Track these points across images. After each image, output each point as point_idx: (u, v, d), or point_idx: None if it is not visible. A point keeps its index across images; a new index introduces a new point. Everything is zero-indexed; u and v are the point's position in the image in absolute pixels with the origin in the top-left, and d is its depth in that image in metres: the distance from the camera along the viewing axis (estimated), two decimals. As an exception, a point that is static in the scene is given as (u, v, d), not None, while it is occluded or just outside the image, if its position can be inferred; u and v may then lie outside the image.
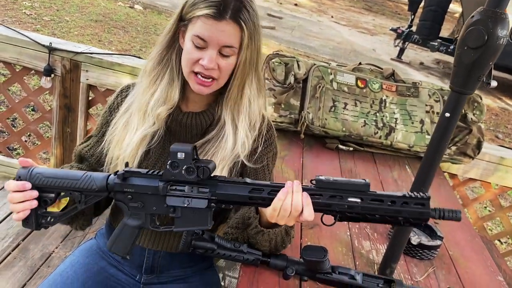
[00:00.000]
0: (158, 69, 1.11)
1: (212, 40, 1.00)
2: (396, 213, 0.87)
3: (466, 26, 0.95)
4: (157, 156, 1.16)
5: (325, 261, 1.02)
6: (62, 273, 1.24)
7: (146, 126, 1.12)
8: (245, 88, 1.09)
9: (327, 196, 0.89)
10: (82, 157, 1.24)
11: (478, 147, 1.92)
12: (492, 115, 6.26)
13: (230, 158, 1.11)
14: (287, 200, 0.89)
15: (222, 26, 1.00)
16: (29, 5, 5.96)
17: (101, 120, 1.24)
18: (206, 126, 1.14)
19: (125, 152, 1.13)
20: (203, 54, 1.02)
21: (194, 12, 1.01)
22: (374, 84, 1.91)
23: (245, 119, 1.12)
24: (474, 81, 0.97)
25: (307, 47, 7.52)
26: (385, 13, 13.40)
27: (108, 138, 1.17)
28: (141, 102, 1.13)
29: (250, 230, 1.06)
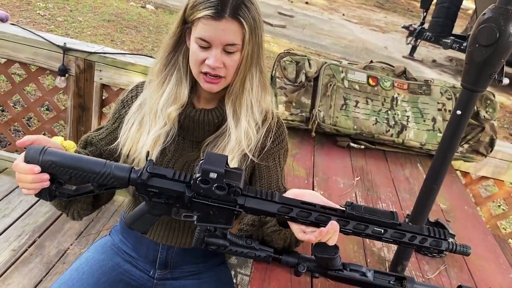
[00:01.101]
0: (166, 71, 1.13)
1: (215, 40, 1.02)
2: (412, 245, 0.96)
3: (477, 23, 0.95)
4: (172, 153, 1.18)
5: (336, 258, 1.02)
6: (78, 268, 1.27)
7: (158, 127, 1.14)
8: (246, 81, 1.10)
9: (353, 224, 0.94)
10: (90, 143, 1.22)
11: (490, 145, 1.91)
12: (507, 112, 6.19)
13: (239, 151, 1.12)
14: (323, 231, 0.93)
15: (223, 25, 1.01)
16: (43, 6, 6.04)
17: (114, 112, 1.25)
18: (219, 122, 1.16)
19: (140, 154, 1.14)
20: (208, 54, 1.04)
21: (195, 14, 1.02)
22: (386, 82, 1.91)
23: (248, 112, 1.13)
24: (486, 79, 0.97)
25: (318, 45, 7.51)
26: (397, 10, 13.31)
27: (123, 135, 1.18)
28: (151, 104, 1.14)
29: (266, 229, 1.06)
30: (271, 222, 1.06)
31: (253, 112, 1.14)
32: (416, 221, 1.14)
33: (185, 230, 1.24)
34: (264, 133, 1.17)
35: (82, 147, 1.24)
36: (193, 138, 1.19)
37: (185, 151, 1.19)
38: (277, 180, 1.21)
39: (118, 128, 1.21)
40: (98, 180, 0.94)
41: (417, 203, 1.13)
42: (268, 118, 1.18)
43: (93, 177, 0.93)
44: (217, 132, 1.16)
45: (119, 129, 1.20)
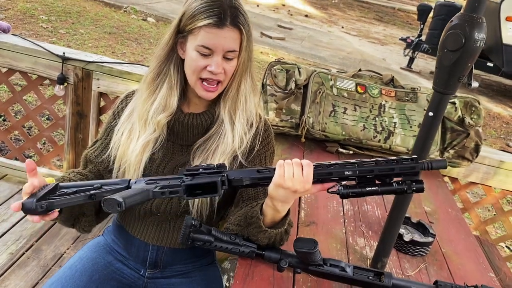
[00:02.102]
0: (158, 80, 1.18)
1: (217, 47, 1.09)
2: (390, 170, 0.96)
3: (445, 30, 1.01)
4: (161, 158, 1.23)
5: (315, 252, 1.07)
6: (71, 266, 1.32)
7: (147, 133, 1.19)
8: (241, 86, 1.17)
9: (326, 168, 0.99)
10: (88, 160, 1.29)
11: (476, 150, 1.96)
12: (503, 123, 6.23)
13: (230, 152, 1.18)
14: (287, 160, 0.99)
15: (225, 33, 1.08)
16: (46, 18, 6.16)
17: (106, 125, 1.32)
18: (207, 126, 1.22)
19: (130, 159, 1.20)
20: (209, 61, 1.10)
21: (195, 23, 1.08)
22: (374, 89, 1.97)
23: (242, 115, 1.20)
24: (455, 82, 1.02)
25: (317, 57, 7.60)
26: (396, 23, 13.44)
27: (114, 145, 1.24)
28: (142, 111, 1.20)
29: (252, 229, 1.11)
30: (256, 223, 1.10)
31: (246, 114, 1.20)
32: (394, 220, 1.19)
33: (175, 231, 1.29)
34: (252, 136, 1.22)
35: (83, 166, 1.30)
36: (183, 142, 1.24)
37: (175, 155, 1.24)
38: None
39: (111, 140, 1.27)
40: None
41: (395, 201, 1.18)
42: (256, 120, 1.24)
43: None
44: (206, 135, 1.21)
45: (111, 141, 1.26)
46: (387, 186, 0.98)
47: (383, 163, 0.97)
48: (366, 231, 1.44)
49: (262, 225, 1.09)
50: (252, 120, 1.23)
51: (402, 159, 0.97)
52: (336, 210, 1.52)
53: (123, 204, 0.90)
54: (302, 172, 0.98)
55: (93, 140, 1.37)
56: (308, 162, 0.99)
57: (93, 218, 1.24)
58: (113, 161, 1.26)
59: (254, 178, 1.02)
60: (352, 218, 1.50)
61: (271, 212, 1.08)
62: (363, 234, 1.42)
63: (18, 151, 2.53)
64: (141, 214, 1.28)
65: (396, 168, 0.96)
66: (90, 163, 1.29)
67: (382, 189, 0.98)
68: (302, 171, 0.98)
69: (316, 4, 13.75)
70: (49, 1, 6.96)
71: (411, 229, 1.43)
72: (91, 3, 7.66)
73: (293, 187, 0.98)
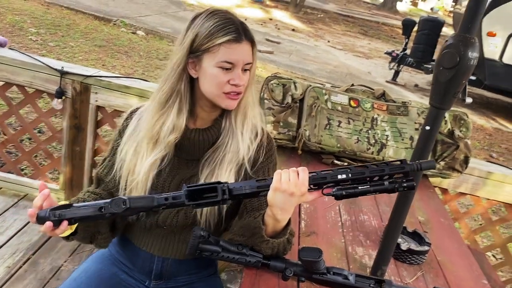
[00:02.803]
0: (170, 102, 1.19)
1: (238, 61, 1.14)
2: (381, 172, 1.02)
3: (441, 49, 1.07)
4: (167, 173, 1.25)
5: (320, 261, 1.11)
6: (76, 278, 1.34)
7: (155, 152, 1.21)
8: (248, 96, 1.23)
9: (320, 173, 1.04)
10: (100, 179, 1.33)
11: (465, 162, 2.04)
12: (487, 135, 6.39)
13: (237, 161, 1.23)
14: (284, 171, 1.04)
15: (243, 47, 1.15)
16: (35, 31, 6.16)
17: (112, 143, 1.34)
18: (214, 140, 1.25)
19: (138, 178, 1.22)
20: (232, 75, 1.15)
21: (213, 41, 1.12)
22: (366, 103, 2.04)
23: (248, 124, 1.25)
24: (450, 98, 1.09)
25: (304, 70, 7.72)
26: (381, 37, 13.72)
27: (118, 164, 1.27)
28: (152, 132, 1.20)
29: (255, 239, 1.14)
30: (259, 233, 1.14)
31: (252, 123, 1.26)
32: (393, 229, 1.24)
33: (180, 243, 1.31)
34: (256, 147, 1.27)
35: (96, 185, 1.34)
36: (189, 156, 1.27)
37: (181, 170, 1.27)
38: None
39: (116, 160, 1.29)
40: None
41: (394, 212, 1.23)
42: (259, 133, 1.28)
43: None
44: (213, 147, 1.25)
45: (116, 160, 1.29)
46: (378, 185, 1.04)
47: (374, 166, 1.03)
48: (364, 240, 1.49)
49: (264, 235, 1.13)
50: (257, 130, 1.28)
51: (392, 162, 1.04)
52: (334, 220, 1.57)
53: (128, 202, 0.97)
54: (297, 176, 1.03)
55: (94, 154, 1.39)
56: (303, 167, 1.05)
57: (108, 234, 1.27)
58: (118, 180, 1.28)
59: (253, 186, 1.06)
60: (350, 228, 1.55)
61: (272, 222, 1.12)
62: (362, 243, 1.47)
63: (14, 164, 2.53)
64: (147, 227, 1.30)
65: (386, 170, 1.02)
66: (101, 181, 1.32)
67: (374, 188, 1.04)
68: (297, 176, 1.03)
69: (303, 18, 13.97)
70: (38, 14, 6.97)
71: (407, 238, 1.48)
72: (81, 16, 7.68)
73: (289, 190, 1.02)
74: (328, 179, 1.04)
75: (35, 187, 2.53)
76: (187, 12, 10.76)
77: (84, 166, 2.41)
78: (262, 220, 1.14)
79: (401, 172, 1.02)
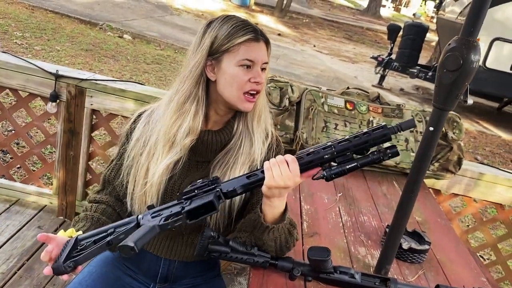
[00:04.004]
0: (187, 104, 1.19)
1: (258, 59, 1.17)
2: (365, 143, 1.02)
3: (444, 52, 1.10)
4: (178, 175, 1.25)
5: (328, 260, 1.13)
6: (81, 281, 1.33)
7: (171, 154, 1.21)
8: (261, 97, 1.24)
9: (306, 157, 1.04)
10: (107, 181, 1.33)
11: (458, 163, 2.08)
12: (471, 138, 6.52)
13: (249, 163, 1.24)
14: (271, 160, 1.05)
15: (261, 46, 1.19)
16: (20, 35, 6.08)
17: (120, 145, 1.34)
18: (226, 142, 1.26)
19: (152, 180, 1.21)
20: (252, 73, 1.17)
21: (233, 41, 1.15)
22: (362, 106, 2.07)
23: (261, 127, 1.26)
24: (453, 99, 1.12)
25: (292, 74, 7.77)
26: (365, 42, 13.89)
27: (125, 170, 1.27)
28: (169, 135, 1.20)
29: (257, 231, 1.15)
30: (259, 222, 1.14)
31: (264, 125, 1.28)
32: (396, 229, 1.27)
33: (187, 245, 1.31)
34: (266, 150, 1.28)
35: (102, 187, 1.34)
36: (200, 158, 1.27)
37: (191, 172, 1.27)
38: None
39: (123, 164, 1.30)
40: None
41: (397, 212, 1.26)
42: (269, 135, 1.30)
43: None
44: (224, 150, 1.26)
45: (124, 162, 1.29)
46: (364, 158, 1.04)
47: (357, 138, 1.03)
48: (366, 240, 1.51)
49: (263, 222, 1.13)
50: (267, 132, 1.30)
51: (372, 129, 1.03)
52: (335, 221, 1.59)
53: (136, 248, 0.97)
54: (288, 168, 1.04)
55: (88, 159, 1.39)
56: (291, 157, 1.05)
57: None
58: (126, 185, 1.28)
59: (246, 184, 1.07)
60: (351, 228, 1.57)
61: (269, 210, 1.13)
62: (363, 243, 1.49)
63: (6, 168, 2.49)
64: None
65: (369, 140, 1.02)
66: (109, 184, 1.32)
67: (361, 162, 1.04)
68: (288, 167, 1.04)
69: (288, 23, 14.07)
70: (23, 17, 6.89)
71: (408, 238, 1.51)
72: (66, 20, 7.62)
73: (285, 184, 1.04)
74: (316, 162, 1.04)
75: (27, 192, 2.50)
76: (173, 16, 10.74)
77: (78, 171, 2.39)
78: (260, 210, 1.15)
79: (383, 138, 1.02)
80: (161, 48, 7.57)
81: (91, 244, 1.06)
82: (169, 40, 7.89)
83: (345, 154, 1.03)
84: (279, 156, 1.06)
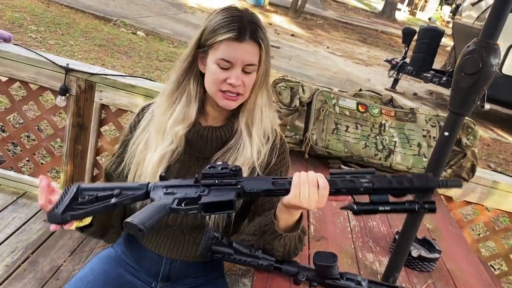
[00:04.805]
0: (177, 93, 1.20)
1: (237, 60, 1.12)
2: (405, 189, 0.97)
3: (462, 54, 1.06)
4: (178, 170, 1.24)
5: (334, 266, 1.10)
6: (82, 278, 1.31)
7: (165, 145, 1.21)
8: (257, 99, 1.20)
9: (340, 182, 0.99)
10: (108, 174, 1.32)
11: (472, 170, 2.03)
12: (484, 145, 6.41)
13: (248, 164, 1.21)
14: (303, 176, 1.00)
15: (244, 47, 1.12)
16: (35, 29, 6.12)
17: (123, 138, 1.33)
18: (226, 139, 1.24)
19: (146, 171, 1.21)
20: (229, 74, 1.13)
21: (215, 38, 1.12)
22: (374, 109, 2.03)
23: (258, 128, 1.22)
24: (470, 104, 1.08)
25: (304, 76, 7.72)
26: (379, 45, 13.77)
27: (128, 158, 1.26)
28: (160, 123, 1.21)
29: (268, 236, 1.13)
30: (271, 229, 1.11)
31: (262, 127, 1.23)
32: (406, 236, 1.23)
33: (190, 244, 1.29)
34: (269, 149, 1.25)
35: (105, 180, 1.34)
36: (200, 155, 1.25)
37: (191, 168, 1.25)
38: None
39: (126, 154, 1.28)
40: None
41: (408, 218, 1.22)
42: (273, 135, 1.27)
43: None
44: (224, 148, 1.23)
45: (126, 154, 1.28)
46: (399, 205, 0.99)
47: (399, 181, 0.98)
48: (374, 246, 1.47)
49: (277, 230, 1.10)
50: (269, 133, 1.26)
51: (416, 177, 0.98)
52: (343, 226, 1.55)
53: (144, 230, 0.92)
54: (317, 193, 0.99)
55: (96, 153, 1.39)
56: (324, 182, 0.99)
57: (120, 229, 1.27)
58: (126, 174, 1.27)
59: (270, 190, 1.02)
60: (359, 234, 1.53)
61: (284, 217, 1.10)
62: (372, 249, 1.45)
63: (14, 161, 2.49)
64: (156, 227, 1.28)
65: (411, 188, 0.97)
66: (110, 176, 1.32)
67: (394, 207, 0.99)
68: (318, 192, 0.99)
69: (302, 24, 14.01)
70: (38, 11, 6.92)
71: (417, 245, 1.47)
72: (81, 15, 7.65)
73: (308, 206, 0.99)
74: (347, 192, 0.99)
75: (34, 185, 2.49)
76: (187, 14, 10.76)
77: (86, 165, 2.38)
78: (274, 216, 1.12)
79: (426, 190, 0.98)
80: (174, 45, 7.56)
81: (94, 200, 1.03)
82: (182, 38, 7.88)
83: (380, 191, 0.98)
84: (312, 173, 1.00)
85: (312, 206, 0.99)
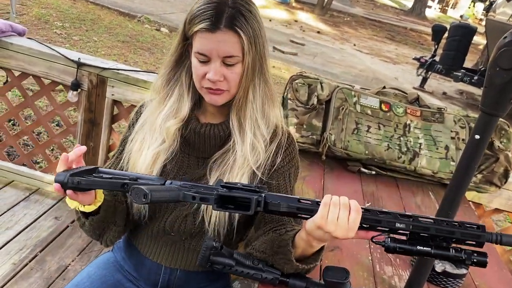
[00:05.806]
0: (168, 87, 1.12)
1: (212, 53, 1.00)
2: (449, 233, 0.84)
3: (497, 47, 0.93)
4: (176, 171, 1.15)
5: (346, 283, 0.98)
6: (78, 283, 1.24)
7: (157, 143, 1.12)
8: (249, 93, 1.07)
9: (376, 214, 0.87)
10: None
11: (505, 176, 1.87)
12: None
13: (247, 166, 1.10)
14: (335, 198, 0.88)
15: (218, 37, 0.99)
16: (60, 25, 6.17)
17: (122, 137, 1.26)
18: (225, 137, 1.14)
19: (141, 171, 1.12)
20: (208, 68, 1.02)
21: (192, 29, 1.01)
22: (399, 108, 1.89)
23: (252, 125, 1.10)
24: (506, 103, 0.94)
25: (328, 73, 7.55)
26: (408, 43, 13.43)
27: (126, 156, 1.18)
28: (152, 120, 1.14)
29: (279, 259, 1.01)
30: (286, 255, 1.00)
31: (258, 125, 1.11)
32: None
33: (189, 252, 1.20)
34: (274, 150, 1.14)
35: None
36: (199, 154, 1.16)
37: (190, 169, 1.16)
38: None
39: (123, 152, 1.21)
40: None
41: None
42: (277, 134, 1.15)
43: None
44: (224, 147, 1.13)
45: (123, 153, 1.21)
46: (442, 250, 0.86)
47: (443, 224, 0.86)
48: (394, 259, 1.35)
49: (292, 259, 0.99)
50: (272, 132, 1.15)
51: (466, 224, 0.86)
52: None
53: (149, 196, 0.83)
54: (348, 217, 0.87)
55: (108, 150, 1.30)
56: (357, 206, 0.87)
57: (121, 229, 1.17)
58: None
59: (293, 207, 0.90)
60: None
61: (303, 246, 0.98)
62: (391, 262, 1.33)
63: (27, 156, 2.46)
64: (154, 233, 1.20)
65: (456, 233, 0.85)
66: None
67: (436, 252, 0.86)
68: (348, 216, 0.87)
69: (328, 21, 13.79)
70: (64, 8, 6.99)
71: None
72: (106, 12, 7.70)
73: (335, 233, 0.87)
74: (383, 225, 0.87)
75: (47, 181, 2.46)
76: (212, 11, 10.72)
77: (97, 162, 2.32)
78: (292, 242, 0.99)
79: (474, 240, 0.85)
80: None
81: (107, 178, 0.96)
82: (206, 35, 7.85)
83: (420, 233, 0.86)
84: (344, 198, 0.88)
85: (339, 233, 0.86)
